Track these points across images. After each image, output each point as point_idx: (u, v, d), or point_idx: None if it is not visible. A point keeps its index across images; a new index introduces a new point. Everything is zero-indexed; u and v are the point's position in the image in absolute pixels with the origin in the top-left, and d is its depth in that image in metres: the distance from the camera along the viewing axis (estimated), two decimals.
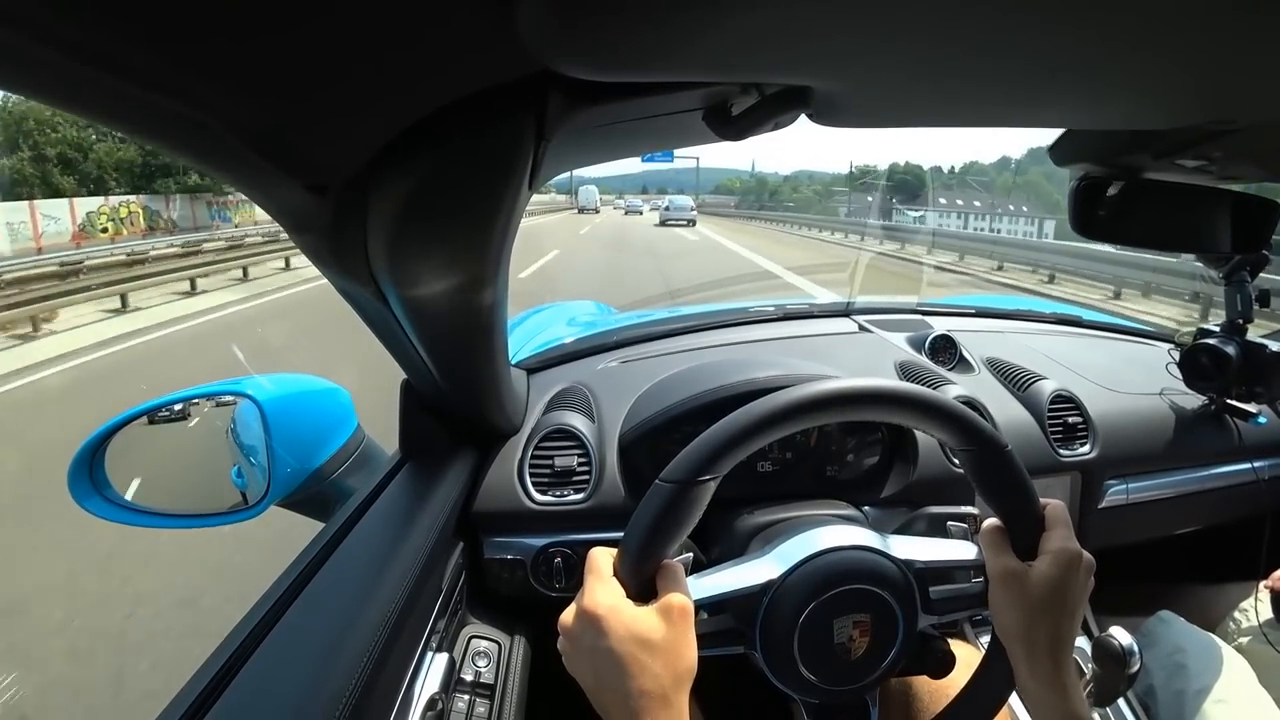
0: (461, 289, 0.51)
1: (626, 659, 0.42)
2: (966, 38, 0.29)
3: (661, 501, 0.46)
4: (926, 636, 0.54)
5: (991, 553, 0.51)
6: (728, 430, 0.47)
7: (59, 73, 0.24)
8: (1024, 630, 0.48)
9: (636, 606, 0.44)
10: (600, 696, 0.43)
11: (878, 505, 0.89)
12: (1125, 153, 0.64)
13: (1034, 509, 0.51)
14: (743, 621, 0.51)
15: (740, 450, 0.47)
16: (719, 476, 0.47)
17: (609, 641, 0.42)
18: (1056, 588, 0.48)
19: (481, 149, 0.36)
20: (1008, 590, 0.49)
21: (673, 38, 0.29)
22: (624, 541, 0.47)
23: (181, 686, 0.47)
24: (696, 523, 0.47)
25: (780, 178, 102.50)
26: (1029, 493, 0.51)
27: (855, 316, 1.32)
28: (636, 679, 0.41)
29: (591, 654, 0.43)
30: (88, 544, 2.49)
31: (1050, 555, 0.49)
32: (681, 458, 0.47)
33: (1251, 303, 1.03)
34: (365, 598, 0.56)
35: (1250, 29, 0.28)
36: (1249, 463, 1.11)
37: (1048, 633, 0.47)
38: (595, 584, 0.45)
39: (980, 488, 0.52)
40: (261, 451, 0.79)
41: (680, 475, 0.46)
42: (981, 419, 0.51)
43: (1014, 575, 0.49)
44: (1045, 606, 0.48)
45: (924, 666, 0.54)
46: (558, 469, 0.86)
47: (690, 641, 0.44)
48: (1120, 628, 0.59)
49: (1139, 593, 1.13)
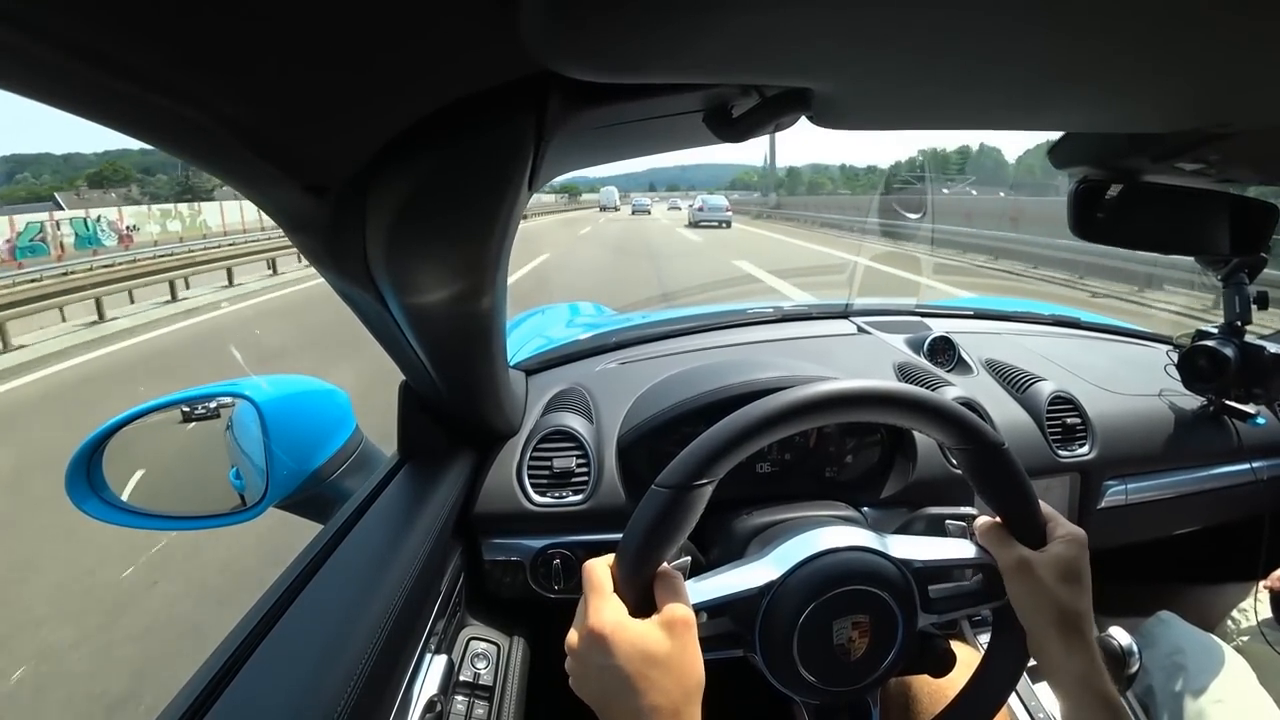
0: (460, 290, 0.51)
1: (635, 677, 0.41)
2: (967, 41, 0.29)
3: (658, 507, 0.46)
4: (926, 636, 0.54)
5: (998, 548, 0.52)
6: (724, 434, 0.47)
7: (59, 72, 0.24)
8: (1055, 612, 0.49)
9: (640, 622, 0.44)
10: (610, 715, 0.43)
11: (877, 506, 0.89)
12: (1124, 156, 0.64)
13: (1034, 503, 0.52)
14: (742, 624, 0.51)
15: (737, 453, 0.47)
16: (715, 480, 0.47)
17: (616, 660, 0.42)
18: (1074, 567, 0.50)
19: (481, 150, 0.36)
20: (1026, 579, 0.50)
21: (673, 40, 0.28)
22: (621, 547, 0.47)
23: (180, 688, 0.47)
24: (694, 526, 0.47)
25: (789, 170, 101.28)
26: (1028, 488, 0.52)
27: (854, 318, 1.32)
28: (646, 696, 0.41)
29: (600, 673, 0.43)
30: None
31: (1061, 539, 0.51)
32: (677, 462, 0.47)
33: (1250, 304, 1.04)
34: (364, 599, 0.56)
35: (1248, 33, 0.28)
36: (1248, 463, 1.11)
37: (1075, 608, 0.49)
38: (597, 602, 0.45)
39: (979, 486, 0.52)
40: (260, 453, 0.79)
41: (676, 480, 0.46)
42: (978, 418, 0.51)
43: (1029, 563, 0.50)
44: (1067, 583, 0.49)
45: (924, 666, 0.54)
46: (556, 470, 0.86)
47: (696, 653, 0.44)
48: (1119, 628, 0.59)
49: (1138, 593, 1.13)
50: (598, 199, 45.79)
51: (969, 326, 1.33)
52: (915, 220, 2.20)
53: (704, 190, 55.38)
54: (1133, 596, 1.09)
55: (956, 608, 0.54)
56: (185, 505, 0.87)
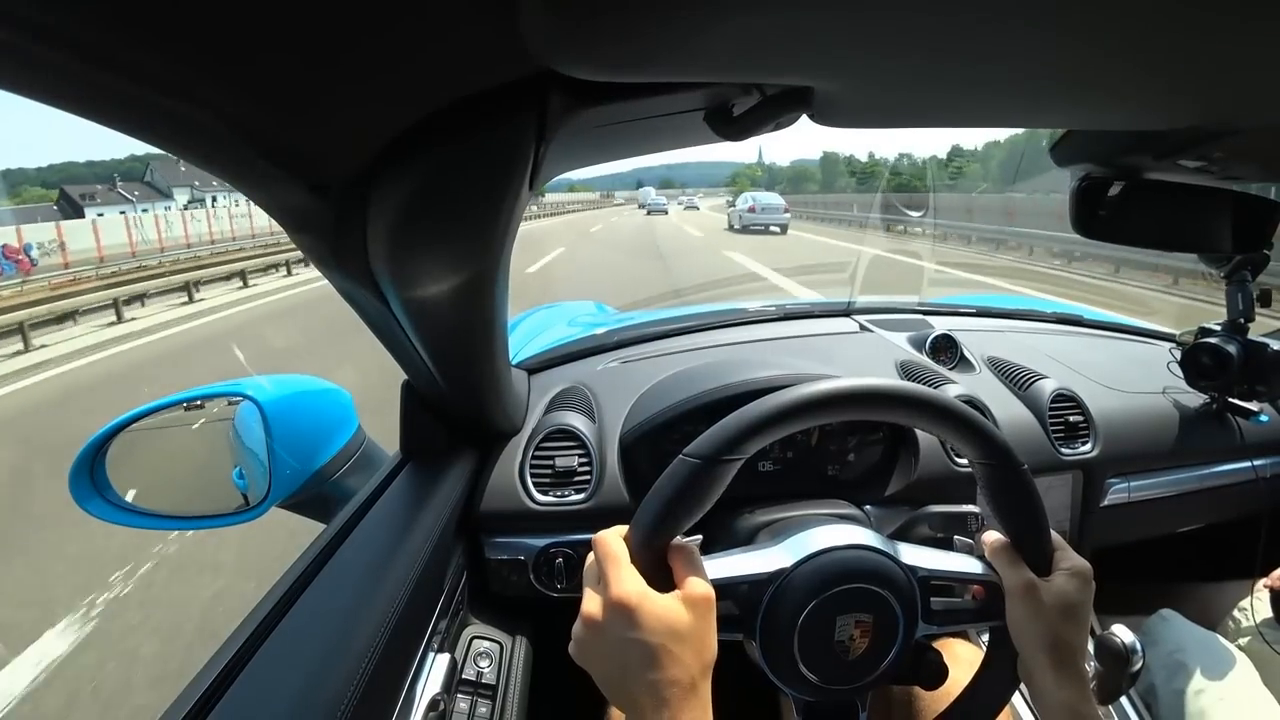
0: (462, 289, 0.51)
1: (658, 649, 0.42)
2: (968, 39, 0.29)
3: (684, 476, 0.46)
4: (921, 647, 0.54)
5: (1006, 568, 0.52)
6: (760, 411, 0.46)
7: (61, 73, 0.24)
8: (1051, 641, 0.49)
9: (663, 595, 0.44)
10: (627, 686, 0.43)
11: (879, 504, 0.89)
12: (1126, 153, 0.64)
13: (1046, 530, 0.52)
14: (745, 608, 0.51)
15: (770, 433, 0.47)
16: (744, 458, 0.46)
17: (641, 632, 0.42)
18: (1076, 600, 0.50)
19: (482, 149, 0.36)
20: (1029, 603, 0.50)
21: (674, 39, 0.29)
22: (638, 514, 0.46)
23: (184, 687, 0.47)
24: (711, 505, 0.47)
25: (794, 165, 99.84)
26: (1042, 513, 0.52)
27: (856, 316, 1.32)
28: (668, 669, 0.42)
29: (620, 645, 0.43)
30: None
31: (1068, 570, 0.51)
32: (709, 434, 0.47)
33: (1253, 302, 1.04)
34: (367, 598, 0.57)
35: (1251, 30, 0.28)
36: (1250, 461, 1.11)
37: (1071, 642, 0.49)
38: (618, 571, 0.44)
39: (995, 504, 0.52)
40: (263, 452, 0.79)
41: (706, 451, 0.46)
42: (1006, 438, 0.51)
43: (1035, 589, 0.50)
44: (1066, 617, 0.50)
45: (916, 676, 0.54)
46: (559, 469, 0.86)
47: (712, 631, 0.45)
48: (1123, 626, 0.59)
49: (1140, 591, 1.13)
50: (635, 197, 45.10)
51: (971, 324, 1.33)
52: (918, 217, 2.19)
53: (691, 189, 54.67)
54: (1134, 595, 1.09)
55: (955, 621, 0.54)
56: (188, 505, 0.87)
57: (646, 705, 0.42)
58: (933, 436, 0.91)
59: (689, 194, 44.92)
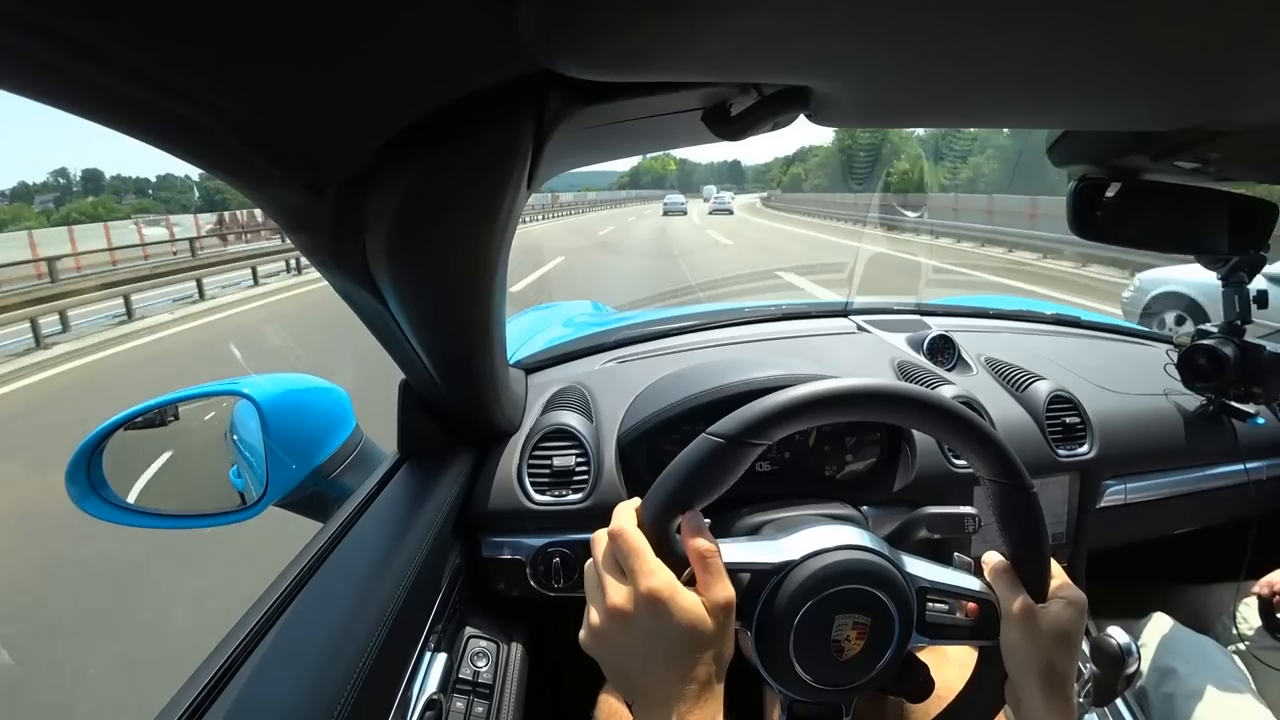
0: (460, 288, 0.51)
1: (685, 645, 0.42)
2: (965, 38, 0.29)
3: (704, 452, 0.45)
4: (910, 658, 0.54)
5: (1004, 588, 0.53)
6: (791, 398, 0.46)
7: (60, 73, 0.24)
8: (1044, 666, 0.50)
9: (690, 593, 0.44)
10: (645, 679, 0.43)
11: (876, 505, 0.89)
12: (1123, 154, 0.64)
13: (1047, 555, 0.53)
14: (745, 597, 0.50)
15: (798, 422, 0.46)
16: (765, 445, 0.46)
17: (668, 629, 0.42)
18: (1070, 629, 0.51)
19: (481, 148, 0.36)
20: (1024, 627, 0.51)
21: (672, 38, 0.29)
22: (653, 489, 0.46)
23: (180, 687, 0.47)
24: (725, 489, 0.47)
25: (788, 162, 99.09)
26: (1046, 538, 0.52)
27: (853, 316, 1.32)
28: (690, 669, 0.42)
29: (645, 638, 0.43)
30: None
31: (1065, 599, 0.52)
32: (735, 415, 0.46)
33: (1250, 304, 1.04)
34: (364, 598, 0.56)
35: (1248, 32, 0.28)
36: (1243, 464, 1.11)
37: (1063, 669, 0.50)
38: (646, 564, 0.44)
39: (1002, 524, 0.53)
40: (260, 451, 0.79)
41: (730, 431, 0.45)
42: (1019, 460, 0.51)
43: (1031, 613, 0.51)
44: (1060, 644, 0.50)
45: (903, 688, 0.54)
46: (556, 469, 0.86)
47: (732, 633, 0.45)
48: (1118, 628, 0.59)
49: (1133, 594, 1.13)
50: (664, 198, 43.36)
51: (968, 325, 1.33)
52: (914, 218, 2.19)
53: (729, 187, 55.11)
54: (1128, 597, 1.09)
55: (948, 637, 0.54)
56: (185, 504, 0.87)
57: (660, 699, 0.42)
58: (930, 438, 0.91)
59: (722, 195, 40.34)
